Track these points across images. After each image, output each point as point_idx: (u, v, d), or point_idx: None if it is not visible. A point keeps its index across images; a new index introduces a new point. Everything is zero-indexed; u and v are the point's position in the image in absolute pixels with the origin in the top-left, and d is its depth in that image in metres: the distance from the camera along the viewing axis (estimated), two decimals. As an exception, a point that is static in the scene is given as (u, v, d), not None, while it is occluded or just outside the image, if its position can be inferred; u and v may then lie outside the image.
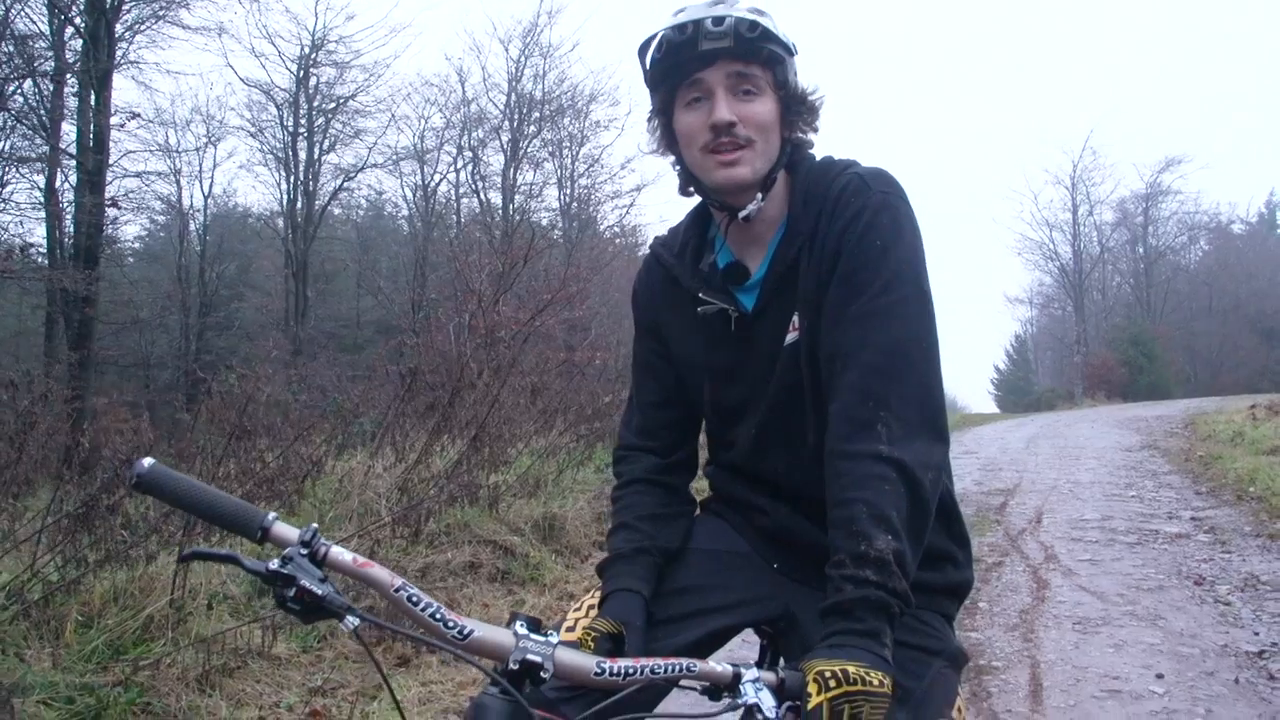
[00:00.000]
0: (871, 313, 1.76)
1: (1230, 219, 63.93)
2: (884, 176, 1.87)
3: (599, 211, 33.89)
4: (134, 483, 1.43)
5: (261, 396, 6.32)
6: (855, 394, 1.72)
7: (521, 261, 14.12)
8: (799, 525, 1.97)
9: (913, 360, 1.74)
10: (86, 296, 18.87)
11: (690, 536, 2.11)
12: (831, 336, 1.80)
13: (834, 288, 1.81)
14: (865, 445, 1.67)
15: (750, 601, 2.00)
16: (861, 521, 1.61)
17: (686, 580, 1.99)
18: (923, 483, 1.67)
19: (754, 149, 1.85)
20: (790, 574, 2.01)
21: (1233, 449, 15.00)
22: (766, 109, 1.85)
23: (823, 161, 1.95)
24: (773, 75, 1.85)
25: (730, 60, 1.82)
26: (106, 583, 4.83)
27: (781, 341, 1.91)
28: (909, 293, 1.78)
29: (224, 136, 32.34)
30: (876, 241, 1.79)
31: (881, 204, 1.82)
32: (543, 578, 6.78)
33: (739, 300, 1.95)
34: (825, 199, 1.86)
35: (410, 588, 1.40)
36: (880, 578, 1.57)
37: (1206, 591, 6.86)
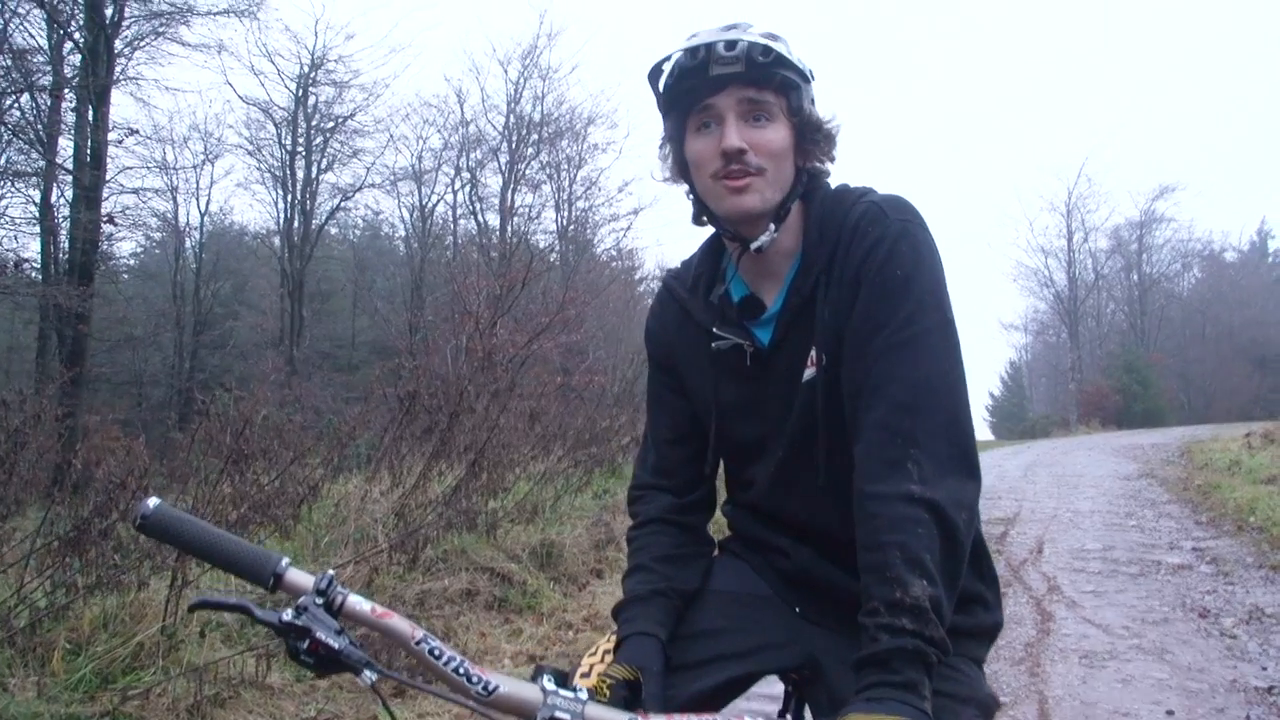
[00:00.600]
0: (895, 346, 1.68)
1: (1223, 247, 64.44)
2: (901, 203, 1.80)
3: (596, 234, 33.89)
4: (139, 524, 1.35)
5: (258, 418, 6.22)
6: (882, 432, 1.64)
7: (519, 284, 14.06)
8: (822, 568, 1.89)
9: (940, 394, 1.67)
10: (80, 313, 18.77)
11: (709, 578, 2.03)
12: (854, 372, 1.73)
13: (855, 321, 1.74)
14: (896, 486, 1.59)
15: (772, 647, 1.90)
16: (896, 567, 1.53)
17: (705, 624, 1.91)
18: (957, 524, 1.59)
19: (764, 177, 1.78)
20: (814, 618, 1.92)
21: (1230, 478, 14.95)
22: (779, 136, 1.79)
23: (837, 190, 1.88)
24: (786, 102, 1.79)
25: (742, 86, 1.75)
26: (96, 609, 4.72)
27: (799, 377, 1.83)
28: (933, 323, 1.70)
29: (222, 154, 32.39)
30: (897, 271, 1.71)
31: (901, 232, 1.74)
32: (540, 606, 6.68)
33: (754, 335, 1.88)
34: (841, 229, 1.79)
35: (432, 639, 1.32)
36: (917, 626, 1.49)
37: (1211, 624, 6.78)
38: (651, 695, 1.72)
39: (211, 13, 21.28)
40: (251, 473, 6.01)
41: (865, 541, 1.60)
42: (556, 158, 33.34)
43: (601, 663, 1.81)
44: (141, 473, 5.00)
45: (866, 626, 1.53)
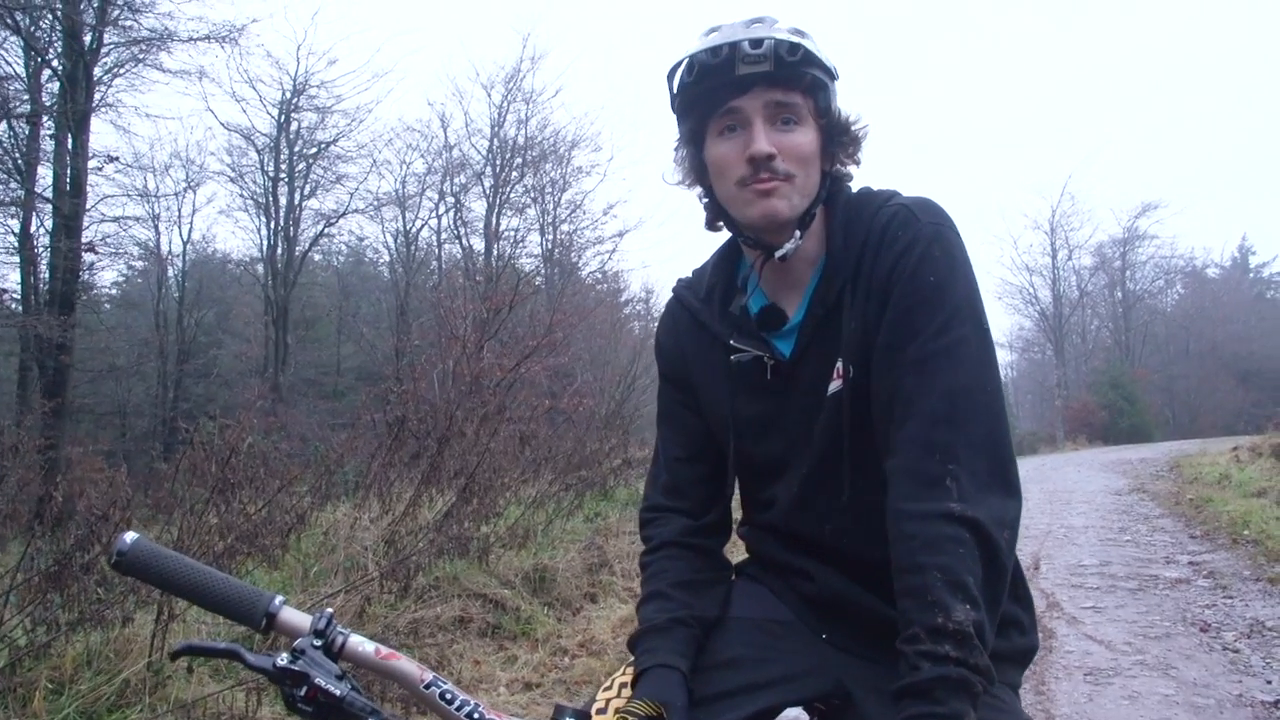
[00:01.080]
0: (930, 355, 1.59)
1: (1205, 263, 65.03)
2: (932, 206, 1.70)
3: (581, 257, 33.76)
4: (114, 562, 1.24)
5: (244, 446, 6.10)
6: (918, 447, 1.55)
7: (506, 308, 13.99)
8: (850, 591, 1.78)
9: (979, 407, 1.57)
10: (62, 343, 18.59)
11: (728, 604, 1.91)
12: (886, 383, 1.63)
13: (886, 330, 1.64)
14: (934, 504, 1.50)
15: (800, 676, 1.78)
16: (937, 590, 1.44)
17: (728, 653, 1.78)
18: (999, 543, 1.50)
19: (793, 183, 1.68)
20: (842, 645, 1.80)
21: (1222, 491, 14.96)
22: (808, 140, 1.69)
23: (861, 192, 1.79)
24: (814, 103, 1.69)
25: (769, 87, 1.65)
26: (79, 646, 4.59)
27: (824, 390, 1.73)
28: (969, 332, 1.61)
29: (204, 181, 32.17)
30: (930, 277, 1.62)
31: (933, 236, 1.65)
32: (534, 632, 6.57)
33: (775, 347, 1.78)
34: (869, 233, 1.69)
35: (443, 682, 1.22)
36: (961, 654, 1.40)
37: (1213, 638, 6.72)
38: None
39: (192, 39, 21.11)
40: (238, 502, 5.89)
41: (902, 563, 1.51)
42: (541, 181, 33.25)
43: (619, 698, 1.68)
44: (124, 504, 4.88)
45: (906, 654, 1.44)
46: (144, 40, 20.88)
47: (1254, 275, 66.67)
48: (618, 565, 8.39)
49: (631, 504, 10.90)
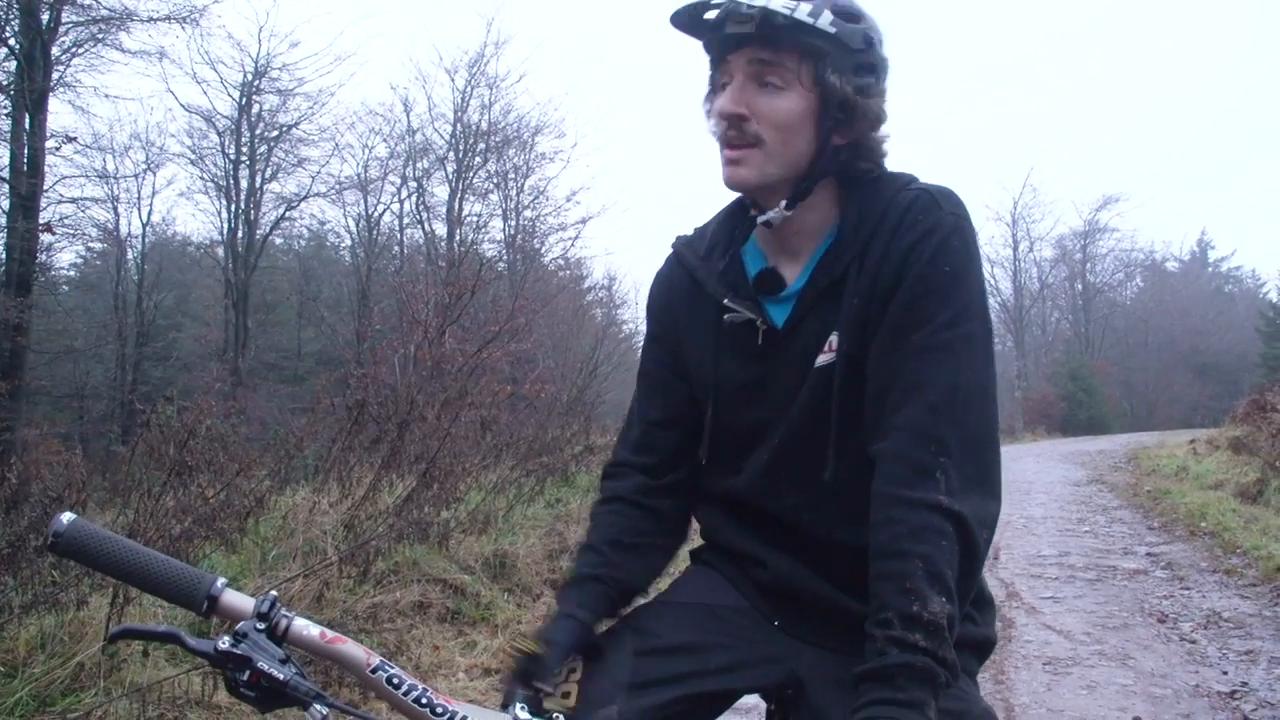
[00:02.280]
0: (936, 346, 1.57)
1: (1165, 257, 65.48)
2: (954, 197, 1.68)
3: (544, 244, 33.63)
4: (50, 544, 1.20)
5: (202, 429, 6.03)
6: (913, 435, 1.54)
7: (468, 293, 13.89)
8: (803, 577, 1.76)
9: (975, 405, 1.57)
10: (18, 324, 18.33)
11: (677, 589, 1.89)
12: (885, 365, 1.61)
13: (894, 311, 1.61)
14: (923, 493, 1.49)
15: (750, 663, 1.75)
16: (916, 578, 1.43)
17: (676, 638, 1.75)
18: (978, 541, 1.50)
19: (763, 150, 1.64)
20: (794, 632, 1.78)
21: (1179, 484, 15.12)
22: (788, 106, 1.63)
23: (880, 174, 1.75)
24: (813, 69, 1.62)
25: (756, 47, 1.62)
26: (33, 628, 4.53)
27: (812, 361, 1.70)
28: (977, 329, 1.61)
29: (164, 163, 31.70)
30: (945, 267, 1.60)
31: (954, 226, 1.63)
32: (494, 618, 6.53)
33: (768, 313, 1.74)
34: (885, 214, 1.66)
35: (390, 667, 1.19)
36: (931, 644, 1.40)
37: (1171, 629, 6.78)
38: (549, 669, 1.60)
39: (152, 19, 20.81)
40: (196, 485, 5.82)
41: (885, 547, 1.50)
42: (504, 167, 33.07)
43: (566, 681, 1.65)
44: (80, 486, 4.82)
45: (875, 637, 1.43)
46: (103, 19, 20.55)
47: (1213, 269, 67.32)
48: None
49: (593, 491, 10.87)
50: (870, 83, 1.66)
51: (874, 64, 1.67)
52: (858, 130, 1.68)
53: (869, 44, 1.65)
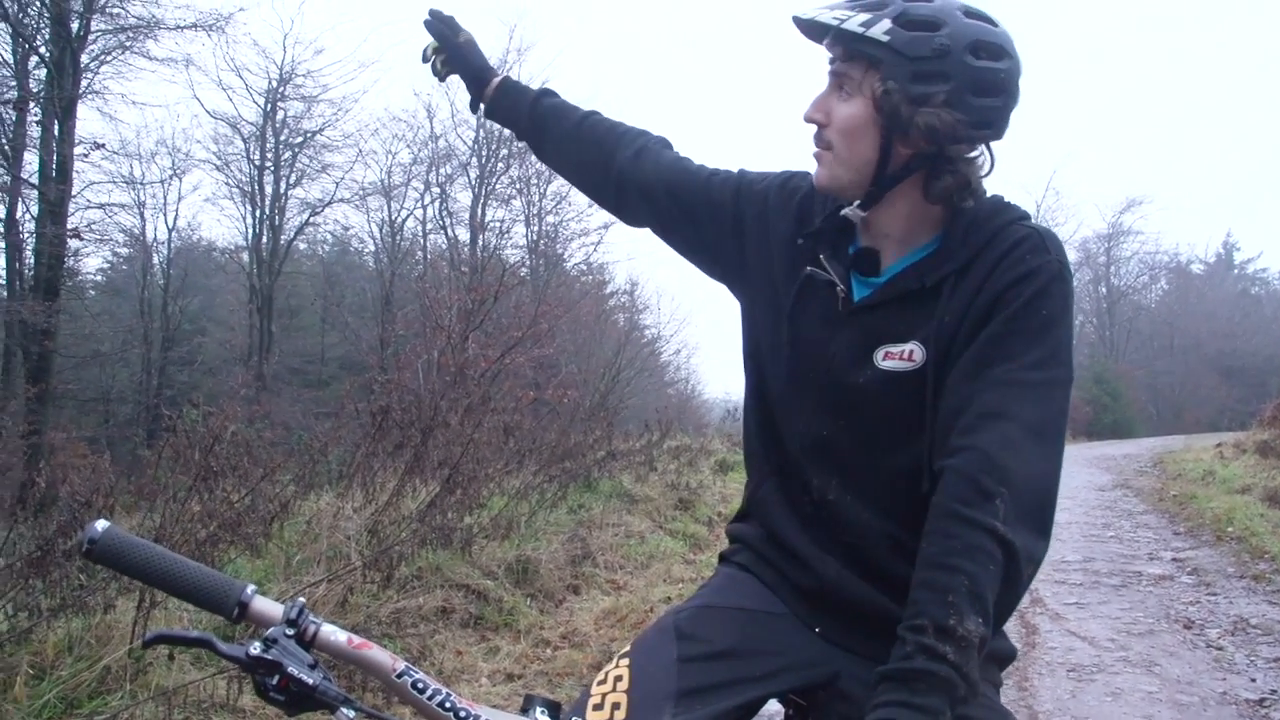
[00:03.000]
0: (1020, 382, 1.60)
1: (1190, 259, 65.03)
2: (1059, 243, 1.72)
3: (567, 249, 33.67)
4: (85, 550, 1.22)
5: (227, 434, 6.07)
6: (982, 459, 1.56)
7: (491, 298, 13.94)
8: (849, 584, 1.77)
9: (1046, 446, 1.60)
10: (46, 329, 18.53)
11: (716, 594, 1.90)
12: (965, 390, 1.64)
13: (983, 341, 1.64)
14: (982, 516, 1.51)
15: (792, 669, 1.77)
16: (959, 593, 1.46)
17: (720, 644, 1.75)
18: (1022, 575, 1.53)
19: (832, 153, 1.73)
20: (834, 639, 1.79)
21: (1205, 488, 14.98)
22: (852, 112, 1.70)
23: (993, 199, 1.78)
24: (878, 78, 1.66)
25: (838, 57, 1.72)
26: (61, 632, 4.57)
27: (870, 352, 1.74)
28: (1061, 377, 1.64)
29: (189, 169, 31.99)
30: (1043, 310, 1.64)
31: (1058, 274, 1.66)
32: (516, 623, 6.55)
33: (852, 286, 1.79)
34: (992, 241, 1.70)
35: (415, 672, 1.21)
36: (958, 659, 1.42)
37: (1197, 635, 6.75)
38: None
39: (179, 27, 21.03)
40: (221, 490, 5.86)
41: (934, 558, 1.52)
42: (526, 173, 32.99)
43: (614, 690, 1.68)
44: (107, 491, 4.86)
45: (905, 639, 1.45)
46: (131, 28, 20.84)
47: (1238, 271, 66.84)
48: (600, 557, 8.38)
49: (615, 496, 10.89)
50: (936, 94, 1.65)
51: (944, 73, 1.65)
52: (916, 140, 1.68)
53: (938, 53, 1.64)
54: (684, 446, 15.33)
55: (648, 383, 32.54)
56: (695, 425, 27.97)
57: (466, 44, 2.25)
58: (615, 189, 2.09)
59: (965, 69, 1.65)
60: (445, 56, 2.28)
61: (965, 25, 1.66)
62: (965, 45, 1.65)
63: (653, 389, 33.17)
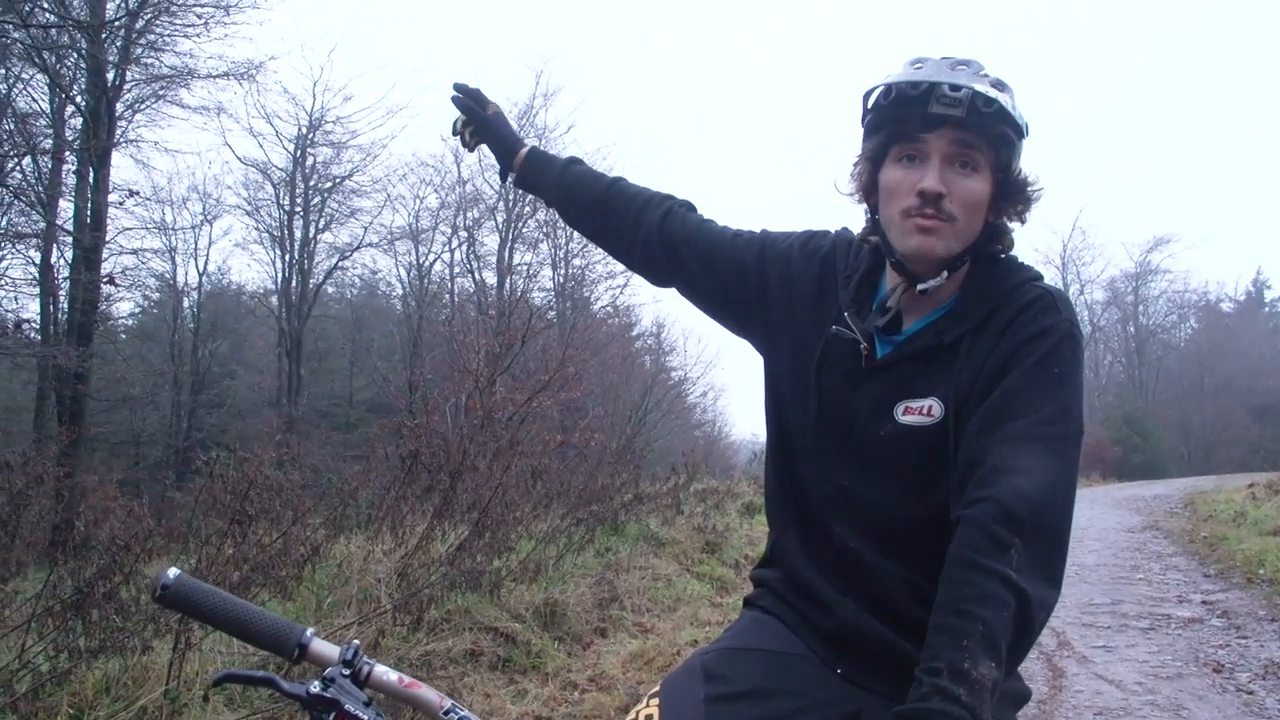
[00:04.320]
0: (1033, 437, 1.68)
1: (1219, 297, 64.66)
2: (1070, 303, 1.81)
3: (593, 292, 33.82)
4: (158, 596, 1.31)
5: (260, 479, 6.16)
6: (997, 510, 1.62)
7: (518, 342, 14.05)
8: (867, 626, 1.84)
9: (1058, 499, 1.66)
10: (79, 373, 18.72)
11: (741, 636, 1.97)
12: (980, 444, 1.71)
13: (997, 397, 1.72)
14: (998, 565, 1.57)
15: (814, 709, 1.83)
16: (974, 639, 1.52)
17: (744, 684, 1.83)
18: (1034, 622, 1.59)
19: (954, 226, 1.77)
20: (856, 680, 1.85)
21: (1236, 529, 14.85)
22: (979, 189, 1.77)
23: (1008, 259, 1.87)
24: (996, 156, 1.77)
25: (958, 129, 1.74)
26: (99, 672, 4.66)
27: (890, 408, 1.81)
28: (1072, 432, 1.71)
29: (220, 214, 32.45)
30: (1055, 369, 1.72)
31: (1068, 333, 1.75)
32: (544, 666, 6.58)
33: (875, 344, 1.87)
34: (1005, 300, 1.79)
35: (460, 710, 1.28)
36: (972, 701, 1.47)
37: (1227, 679, 6.70)
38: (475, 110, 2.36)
39: (212, 76, 21.34)
40: (253, 533, 5.94)
41: (950, 604, 1.58)
42: (553, 216, 33.13)
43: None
44: (145, 535, 4.95)
45: (921, 681, 1.51)
46: (165, 77, 21.15)
47: (1269, 309, 66.47)
48: (628, 600, 8.41)
49: (642, 539, 10.92)
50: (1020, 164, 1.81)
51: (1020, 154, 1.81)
52: (1019, 213, 1.82)
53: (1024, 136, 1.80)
54: (710, 489, 15.36)
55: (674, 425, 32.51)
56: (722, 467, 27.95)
57: (494, 116, 2.36)
58: (642, 251, 2.19)
59: None
60: (474, 129, 2.36)
61: None
62: None
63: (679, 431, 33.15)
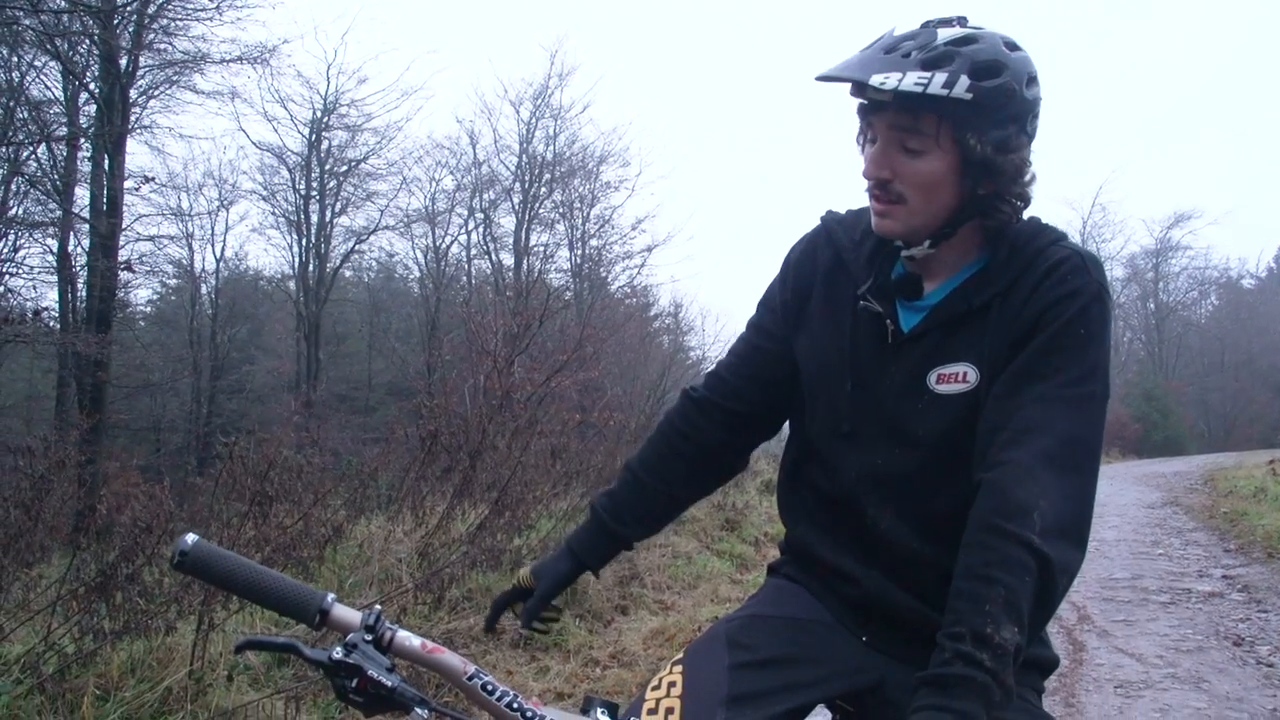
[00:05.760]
0: (1060, 399, 1.66)
1: (1240, 274, 64.11)
2: (1099, 264, 1.77)
3: (610, 272, 33.78)
4: (176, 562, 1.32)
5: (280, 460, 6.19)
6: (1021, 473, 1.61)
7: (536, 323, 14.04)
8: (893, 595, 1.84)
9: (1083, 460, 1.65)
10: (99, 360, 18.79)
11: (765, 603, 1.98)
12: (1004, 406, 1.69)
13: (1023, 359, 1.70)
14: (1020, 529, 1.56)
15: (839, 675, 1.84)
16: (996, 604, 1.51)
17: (769, 652, 1.84)
18: (1058, 587, 1.58)
19: (906, 206, 1.75)
20: (881, 647, 1.86)
21: (1257, 505, 14.81)
22: (930, 169, 1.72)
23: (1032, 221, 1.83)
24: (952, 129, 1.69)
25: (896, 112, 1.70)
26: (124, 654, 4.69)
27: (923, 376, 1.79)
28: (1098, 392, 1.70)
29: (236, 200, 32.35)
30: (1082, 330, 1.69)
31: (1097, 294, 1.72)
32: (566, 643, 6.62)
33: (899, 316, 1.84)
34: (1033, 263, 1.75)
35: (484, 675, 1.29)
36: (995, 666, 1.47)
37: (1247, 652, 6.69)
38: (528, 611, 2.07)
39: (225, 60, 21.30)
40: (274, 515, 5.97)
41: (972, 569, 1.58)
42: (569, 197, 33.27)
43: (667, 695, 1.76)
44: (167, 516, 4.98)
45: (944, 647, 1.51)
46: (178, 63, 21.15)
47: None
48: (649, 578, 8.44)
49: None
50: (1011, 134, 1.72)
51: (1017, 113, 1.72)
52: (1000, 182, 1.75)
53: (1010, 96, 1.70)
54: (730, 468, 15.34)
55: (692, 405, 32.40)
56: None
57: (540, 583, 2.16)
58: (735, 451, 2.18)
59: (1024, 102, 1.72)
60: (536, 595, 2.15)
61: (1015, 60, 1.70)
62: (1022, 80, 1.71)
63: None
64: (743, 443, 2.14)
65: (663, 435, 2.15)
